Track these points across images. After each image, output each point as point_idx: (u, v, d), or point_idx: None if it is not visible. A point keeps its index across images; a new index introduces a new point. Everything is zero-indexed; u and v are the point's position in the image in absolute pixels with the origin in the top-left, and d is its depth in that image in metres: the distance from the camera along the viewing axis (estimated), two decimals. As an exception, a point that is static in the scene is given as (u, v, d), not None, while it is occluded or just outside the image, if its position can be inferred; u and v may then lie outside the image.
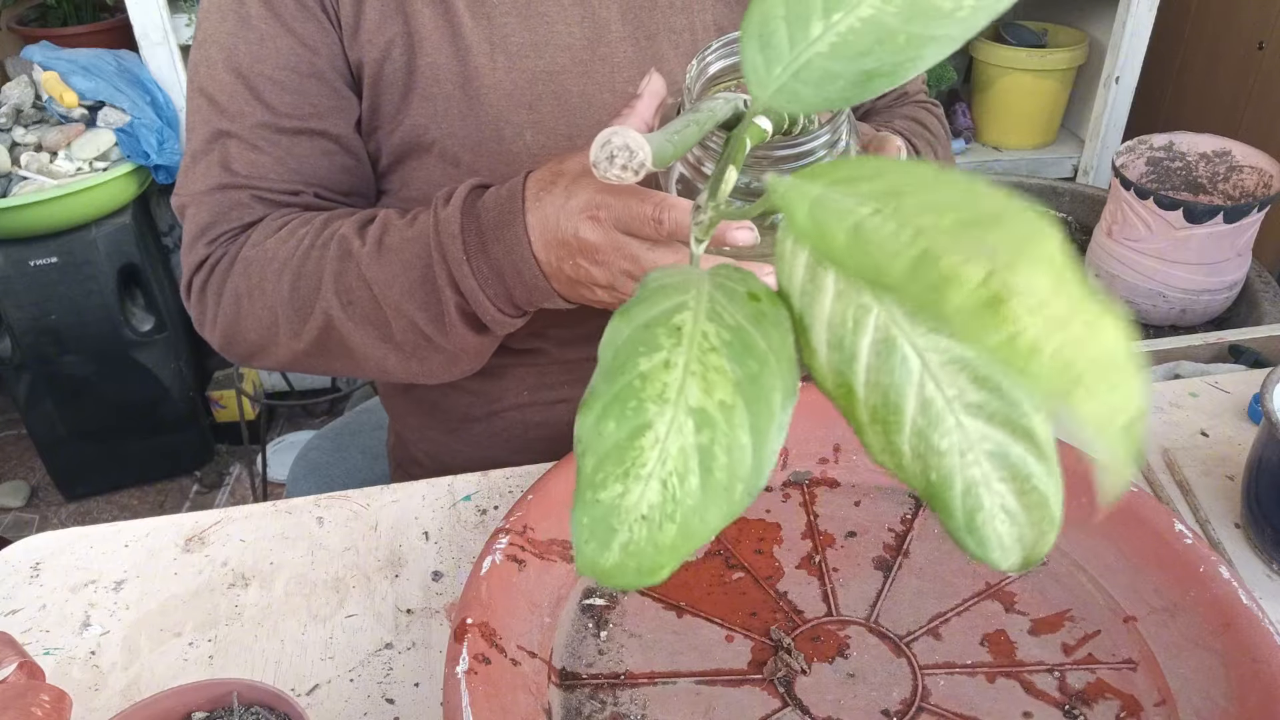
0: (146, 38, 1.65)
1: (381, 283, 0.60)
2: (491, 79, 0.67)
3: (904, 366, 0.29)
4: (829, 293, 0.30)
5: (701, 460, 0.27)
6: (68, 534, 0.66)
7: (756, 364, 0.29)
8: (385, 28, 0.66)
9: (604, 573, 0.27)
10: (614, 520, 0.27)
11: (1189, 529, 0.56)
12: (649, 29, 0.70)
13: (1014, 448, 0.29)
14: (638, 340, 0.29)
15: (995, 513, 0.29)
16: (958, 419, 0.28)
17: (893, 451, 0.29)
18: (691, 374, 0.28)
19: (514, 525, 0.56)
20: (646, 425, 0.27)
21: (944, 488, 0.29)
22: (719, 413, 0.28)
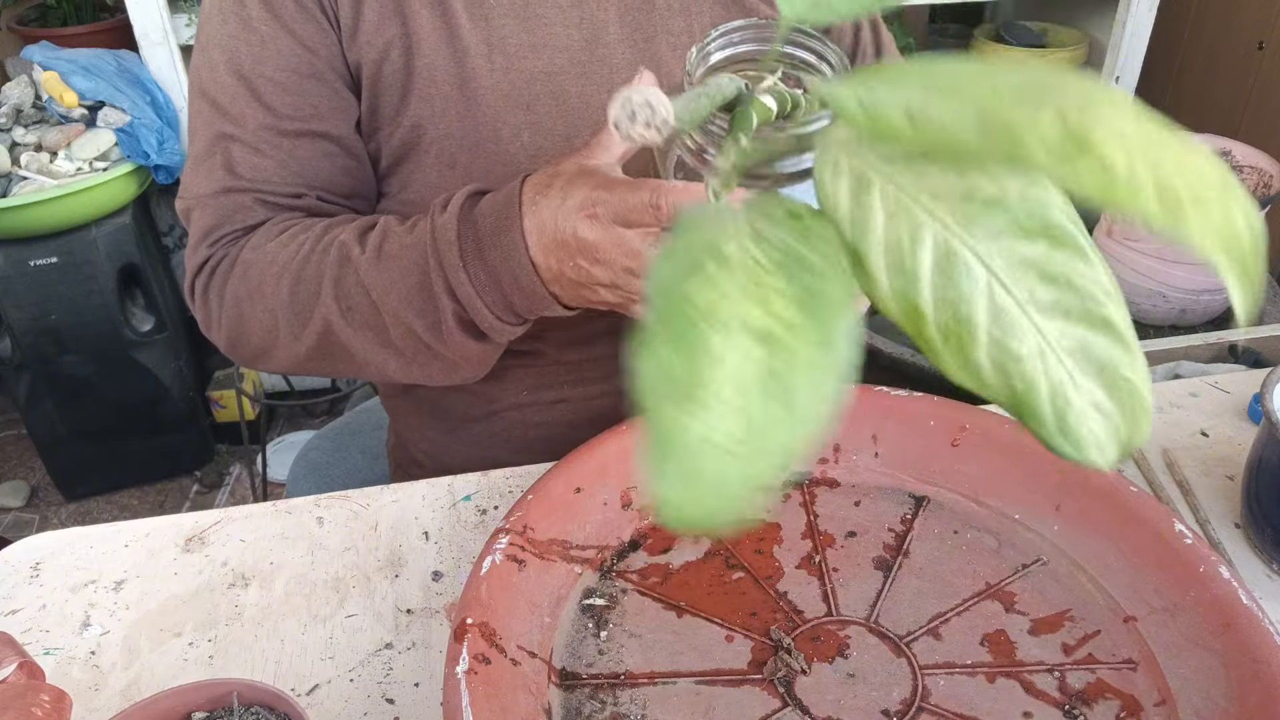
0: (146, 38, 1.65)
1: (379, 289, 0.59)
2: (489, 80, 0.67)
3: (969, 277, 0.27)
4: (879, 215, 0.28)
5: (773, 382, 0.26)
6: (68, 534, 0.66)
7: (811, 277, 0.28)
8: (384, 29, 0.66)
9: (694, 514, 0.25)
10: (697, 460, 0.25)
11: (1189, 529, 0.56)
12: (647, 31, 0.70)
13: (1095, 340, 0.28)
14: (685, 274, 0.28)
15: (1086, 411, 0.28)
16: (1033, 321, 0.27)
17: (971, 368, 0.28)
18: (748, 297, 0.27)
19: (514, 525, 0.56)
20: (708, 352, 0.26)
21: (1030, 394, 0.27)
22: (782, 330, 0.27)
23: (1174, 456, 0.71)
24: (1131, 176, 0.21)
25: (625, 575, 0.59)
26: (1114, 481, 0.59)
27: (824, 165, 0.30)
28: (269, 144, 0.66)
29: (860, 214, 0.29)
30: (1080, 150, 0.21)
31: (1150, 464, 0.70)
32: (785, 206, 0.30)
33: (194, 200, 0.68)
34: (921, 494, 0.65)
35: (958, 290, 0.27)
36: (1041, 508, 0.62)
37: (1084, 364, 0.28)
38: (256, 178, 0.66)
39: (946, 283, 0.28)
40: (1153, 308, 1.38)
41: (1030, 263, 0.27)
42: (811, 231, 0.29)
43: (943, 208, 0.28)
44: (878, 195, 0.29)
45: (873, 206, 0.29)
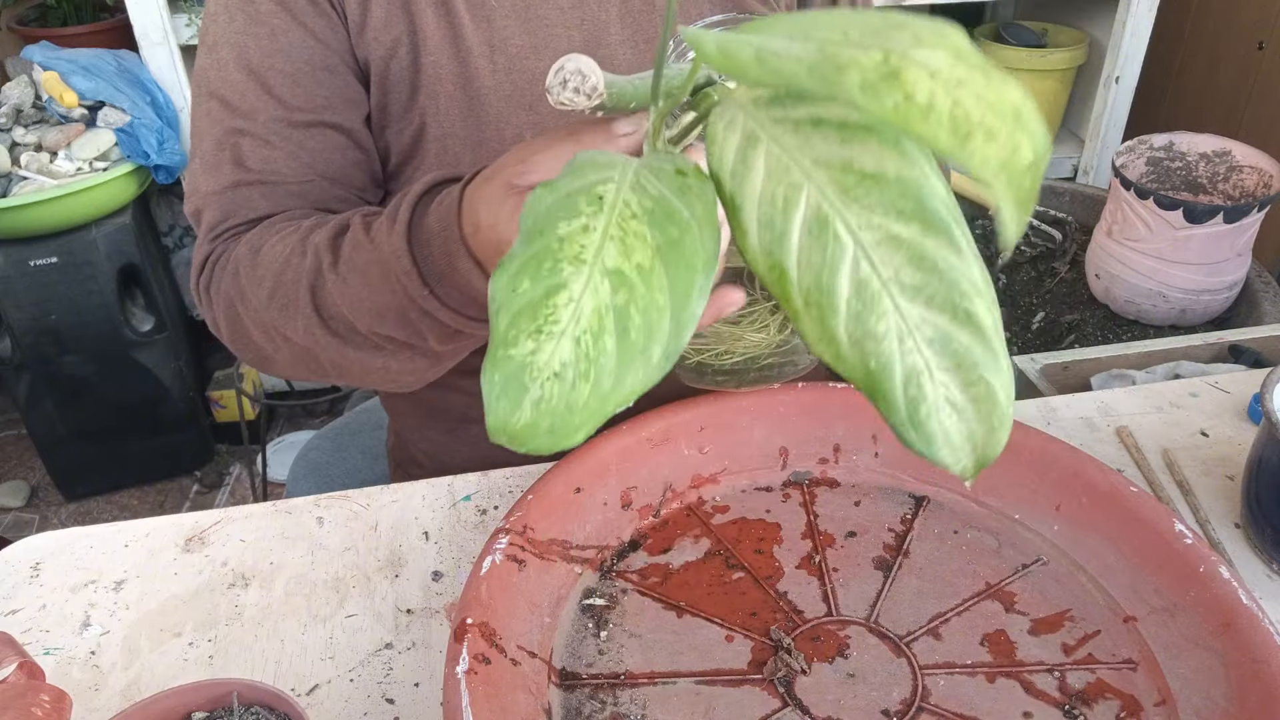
0: (146, 38, 1.65)
1: (349, 304, 0.57)
2: (491, 81, 0.67)
3: (836, 244, 0.27)
4: (759, 172, 0.29)
5: (617, 320, 0.27)
6: (68, 534, 0.66)
7: (678, 230, 0.28)
8: (391, 26, 0.66)
9: (515, 433, 0.26)
10: (525, 377, 0.26)
11: (1189, 529, 0.56)
12: (647, 32, 0.70)
13: (957, 334, 0.27)
14: (558, 207, 0.29)
15: (940, 405, 0.28)
16: (895, 302, 0.27)
17: (829, 339, 0.28)
18: (610, 238, 0.28)
19: (514, 525, 0.56)
20: (561, 285, 0.27)
21: (883, 376, 0.27)
22: (636, 275, 0.27)
23: (1174, 456, 0.71)
24: (930, 108, 0.22)
25: (625, 575, 0.59)
26: (1114, 481, 0.59)
27: (718, 119, 0.30)
28: (279, 135, 0.65)
29: (742, 168, 0.29)
30: (889, 84, 0.22)
31: (1150, 464, 0.70)
32: (674, 163, 0.31)
33: (203, 199, 0.67)
34: (921, 494, 0.65)
35: (823, 256, 0.28)
36: (1041, 508, 0.62)
37: (943, 356, 0.27)
38: (266, 169, 0.66)
39: (814, 246, 0.28)
40: (1153, 308, 1.38)
41: (900, 243, 0.27)
42: (690, 189, 0.30)
43: (822, 174, 0.28)
44: (763, 153, 0.29)
45: (755, 163, 0.29)
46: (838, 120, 0.28)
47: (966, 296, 0.27)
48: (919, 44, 0.22)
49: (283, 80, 0.65)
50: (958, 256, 0.27)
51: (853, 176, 0.28)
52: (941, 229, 0.27)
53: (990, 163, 0.22)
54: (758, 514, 0.64)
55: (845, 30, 0.24)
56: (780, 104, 0.30)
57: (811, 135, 0.28)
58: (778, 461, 0.67)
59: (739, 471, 0.66)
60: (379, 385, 0.64)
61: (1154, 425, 0.75)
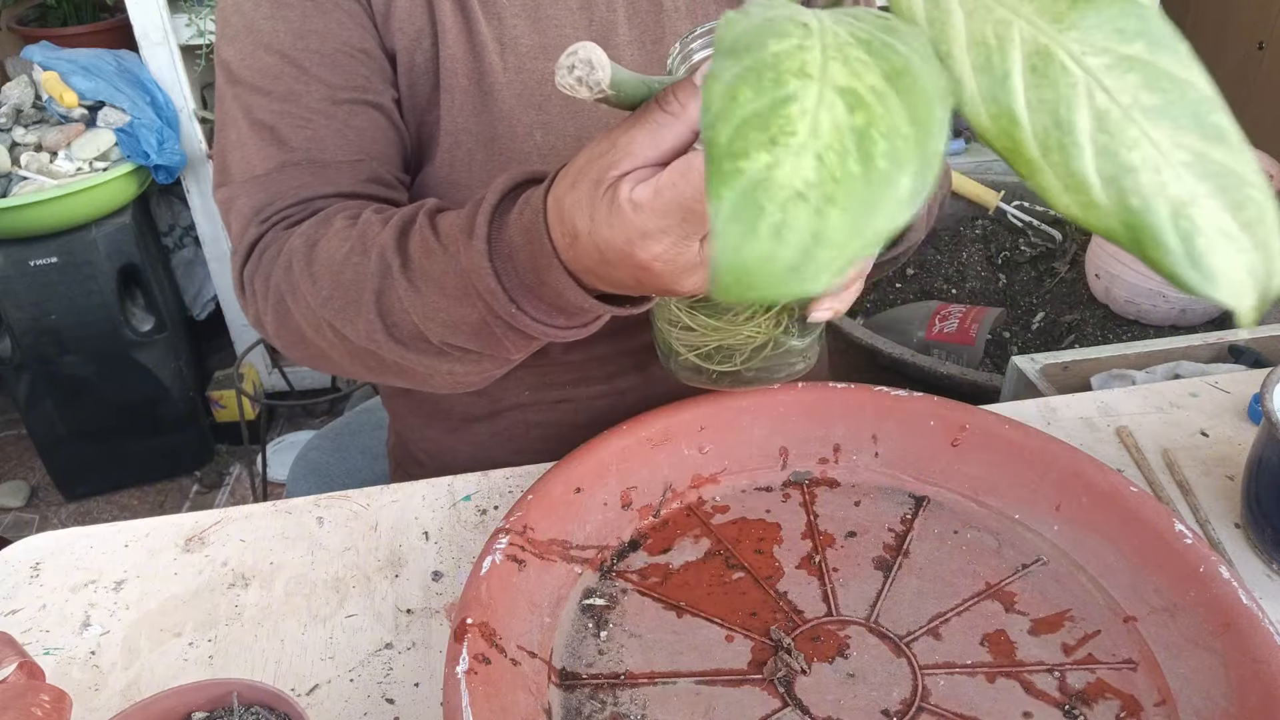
0: (146, 38, 1.65)
1: (421, 314, 0.55)
2: (503, 78, 0.67)
3: (1065, 76, 0.24)
4: (958, 15, 0.26)
5: (859, 143, 0.23)
6: (68, 534, 0.66)
7: (901, 60, 0.24)
8: (414, 17, 0.66)
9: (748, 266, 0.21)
10: (763, 196, 0.21)
11: (1189, 529, 0.56)
12: (655, 33, 0.70)
13: (1212, 152, 0.24)
14: (764, 29, 0.24)
15: (1215, 237, 0.24)
16: (1141, 127, 0.24)
17: (1078, 185, 0.24)
18: (832, 58, 0.24)
19: (514, 525, 0.56)
20: (791, 97, 0.23)
21: (1148, 214, 0.23)
22: (872, 97, 0.23)
23: (1174, 456, 0.71)
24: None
25: (625, 575, 0.59)
26: (1114, 481, 0.59)
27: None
28: (323, 114, 0.64)
29: (937, 13, 0.26)
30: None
31: (1150, 464, 0.70)
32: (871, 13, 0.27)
33: (240, 186, 0.65)
34: (921, 494, 0.65)
35: (1055, 91, 0.24)
36: (1041, 508, 0.62)
37: (1205, 180, 0.24)
38: (312, 148, 0.64)
39: (1041, 82, 0.25)
40: (1153, 308, 1.38)
41: (1132, 63, 0.24)
42: (898, 28, 0.26)
43: (1029, 5, 0.25)
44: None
45: (950, 7, 0.26)
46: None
47: (1211, 111, 0.24)
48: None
49: (319, 61, 0.64)
50: (1189, 71, 0.25)
51: (1063, 2, 0.25)
52: (1166, 44, 0.25)
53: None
54: (758, 514, 0.64)
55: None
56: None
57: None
58: (778, 461, 0.67)
59: (739, 471, 0.66)
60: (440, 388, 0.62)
61: (1154, 425, 0.75)
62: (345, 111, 0.65)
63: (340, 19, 0.65)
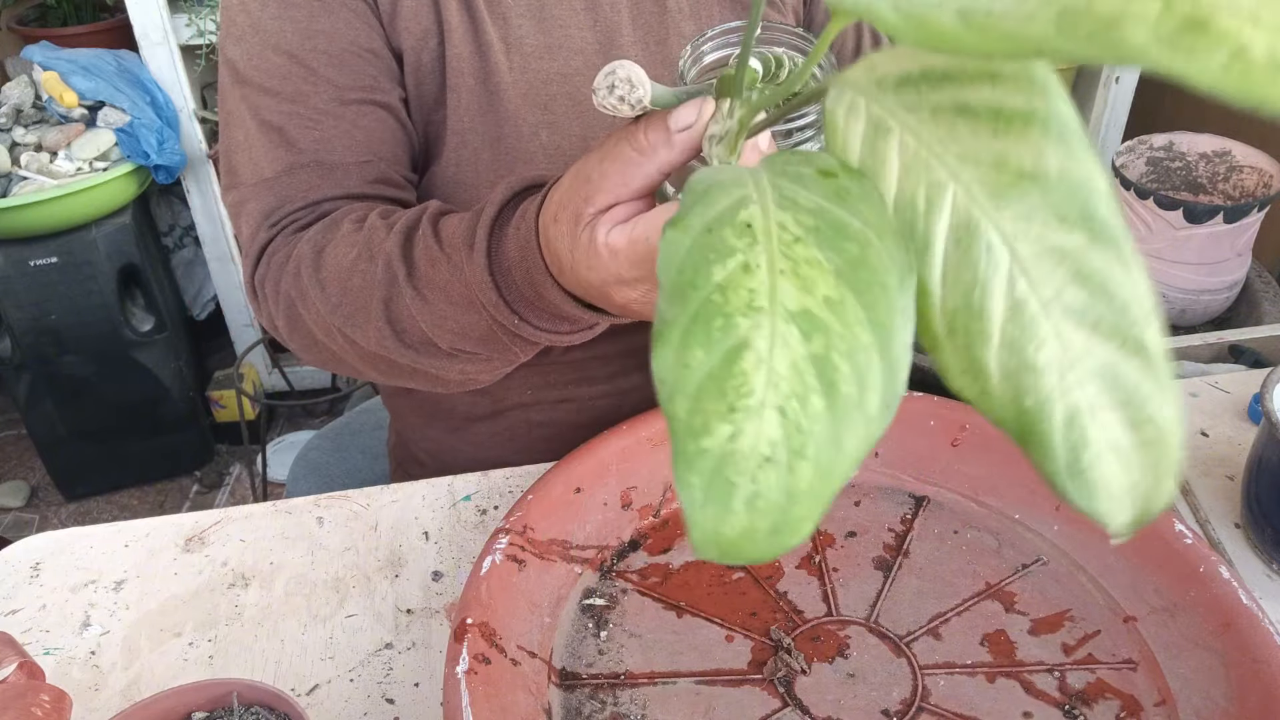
0: (146, 38, 1.65)
1: (430, 322, 0.56)
2: (508, 78, 0.67)
3: (989, 257, 0.23)
4: (892, 168, 0.25)
5: (820, 374, 0.22)
6: (68, 534, 0.66)
7: (856, 246, 0.23)
8: (420, 17, 0.66)
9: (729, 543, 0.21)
10: (730, 471, 0.21)
11: (1189, 529, 0.56)
12: (659, 34, 0.70)
13: (1126, 366, 0.23)
14: (703, 248, 0.23)
15: (1104, 452, 0.23)
16: (1057, 327, 0.23)
17: (976, 371, 0.23)
18: (781, 273, 0.23)
19: (514, 525, 0.56)
20: (744, 344, 0.22)
21: (1041, 417, 0.23)
22: (827, 312, 0.22)
23: (1174, 456, 0.71)
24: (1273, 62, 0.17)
25: (625, 575, 0.59)
26: (1114, 481, 0.59)
27: (837, 105, 0.26)
28: (330, 115, 0.64)
29: (872, 162, 0.25)
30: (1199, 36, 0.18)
31: (1150, 464, 0.70)
32: (814, 163, 0.26)
33: (250, 189, 0.65)
34: (921, 494, 0.65)
35: (974, 272, 0.23)
36: (1041, 508, 0.62)
37: (1110, 393, 0.23)
38: (320, 150, 0.64)
39: (962, 260, 0.23)
40: (1153, 308, 1.38)
41: (1063, 255, 0.23)
42: (849, 192, 0.25)
43: (970, 172, 0.24)
44: (895, 145, 0.25)
45: (888, 157, 0.25)
46: (989, 107, 0.24)
47: (1137, 322, 0.23)
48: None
49: (326, 61, 0.64)
50: (1125, 271, 0.22)
51: (1007, 175, 0.23)
52: (1109, 238, 0.23)
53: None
54: (758, 514, 0.64)
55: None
56: (913, 87, 0.25)
57: (956, 124, 0.24)
58: (778, 461, 0.67)
59: (739, 471, 0.66)
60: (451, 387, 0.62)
61: (1154, 425, 0.75)
62: (353, 112, 0.65)
63: (347, 18, 0.64)
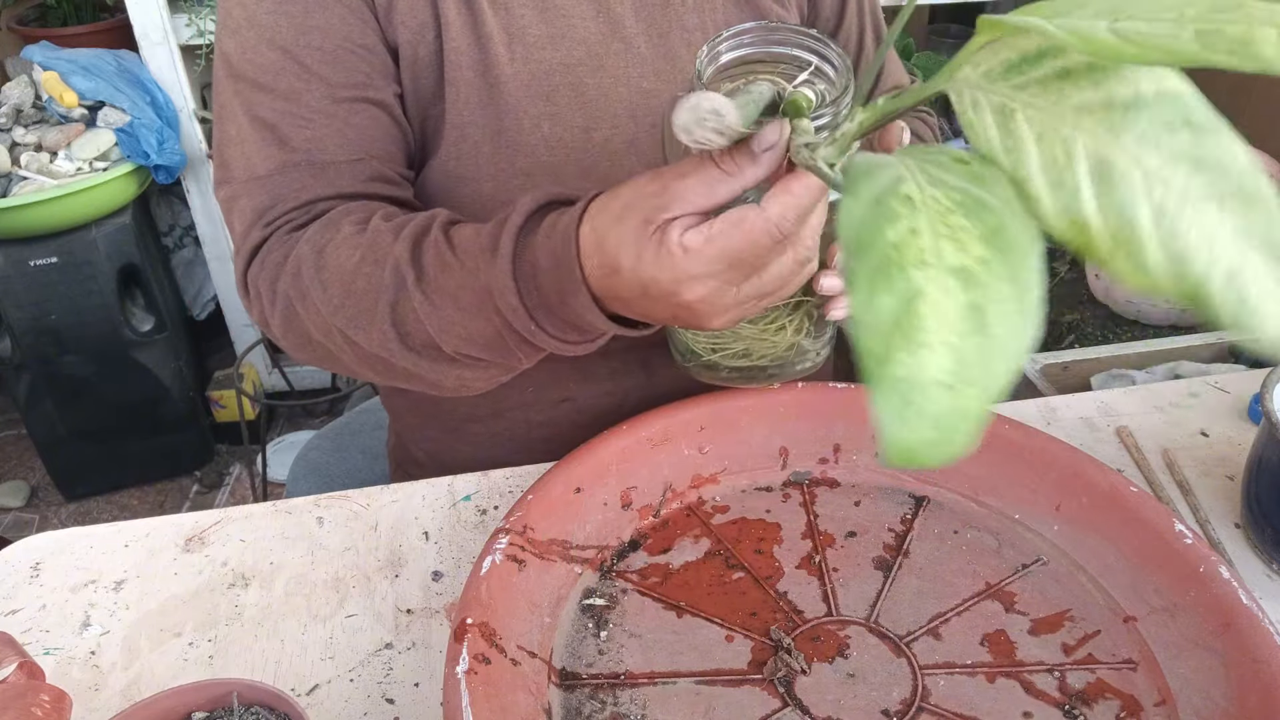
0: (146, 38, 1.65)
1: (437, 326, 0.56)
2: (510, 69, 0.67)
3: (1126, 181, 0.28)
4: (1029, 139, 0.30)
5: (976, 318, 0.27)
6: (68, 534, 0.66)
7: (994, 217, 0.29)
8: (416, 11, 0.66)
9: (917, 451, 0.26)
10: (917, 395, 0.26)
11: (1189, 529, 0.56)
12: (662, 26, 0.70)
13: (1254, 216, 0.28)
14: (874, 215, 0.29)
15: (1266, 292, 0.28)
16: (1194, 211, 0.28)
17: (1145, 268, 0.28)
18: (941, 236, 0.28)
19: (514, 525, 0.56)
20: (919, 292, 0.27)
21: (1205, 284, 0.28)
22: (979, 268, 0.28)
23: (1174, 456, 0.71)
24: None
25: (625, 575, 0.59)
26: (1114, 481, 0.59)
27: (963, 105, 0.31)
28: (323, 113, 0.64)
29: (1011, 142, 0.30)
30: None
31: (1150, 464, 0.70)
32: (949, 154, 0.31)
33: (242, 186, 0.65)
34: (921, 494, 0.65)
35: (1117, 195, 0.28)
36: (1041, 508, 0.62)
37: (1251, 242, 0.28)
38: (313, 148, 0.64)
39: (1106, 190, 0.29)
40: (1153, 308, 1.38)
41: (1179, 154, 0.28)
42: (983, 175, 0.30)
43: (1089, 120, 0.29)
44: (1023, 121, 0.30)
45: (1021, 133, 0.30)
46: (1083, 65, 0.30)
47: (1250, 178, 0.28)
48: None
49: (321, 58, 0.64)
50: (1229, 147, 0.28)
51: (1117, 111, 0.29)
52: (1208, 127, 0.28)
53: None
54: (758, 514, 0.64)
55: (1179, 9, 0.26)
56: (1016, 70, 0.31)
57: (1062, 87, 0.30)
58: (778, 461, 0.67)
59: (739, 471, 0.66)
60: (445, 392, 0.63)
61: (1154, 425, 0.75)
62: (346, 110, 0.64)
63: (342, 14, 0.64)
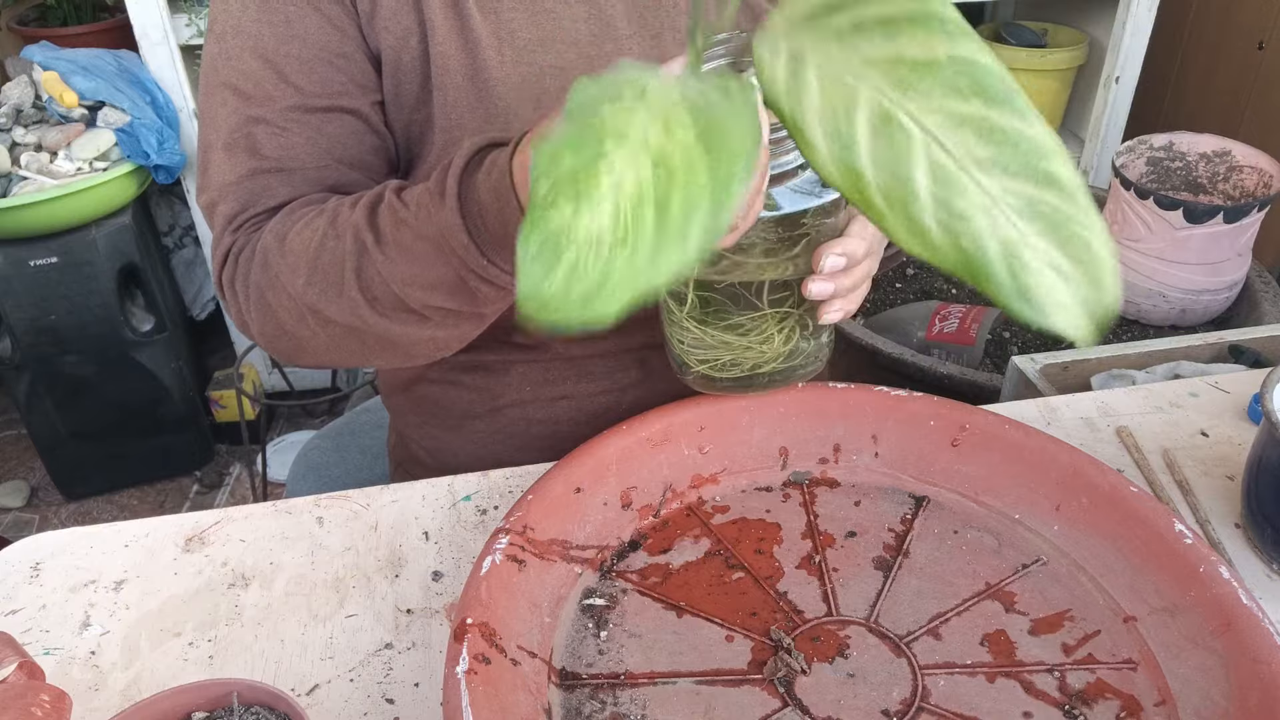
0: (146, 38, 1.65)
1: (400, 281, 0.58)
2: (500, 72, 0.67)
3: (904, 135, 0.28)
4: (813, 87, 0.29)
5: (658, 195, 0.27)
6: (68, 534, 0.66)
7: (719, 119, 0.28)
8: (401, 16, 0.66)
9: (546, 299, 0.26)
10: (562, 240, 0.26)
11: (1189, 529, 0.56)
12: (654, 28, 0.70)
13: (1042, 196, 0.27)
14: (604, 93, 0.29)
15: (1043, 271, 0.27)
16: (974, 178, 0.27)
17: (918, 231, 0.28)
18: (653, 120, 0.28)
19: (514, 525, 0.56)
20: (602, 155, 0.27)
21: (979, 254, 0.27)
22: (679, 153, 0.27)
23: (1174, 456, 0.71)
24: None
25: (625, 575, 0.59)
26: (1114, 481, 0.59)
27: (762, 47, 0.31)
28: (296, 122, 0.65)
29: (796, 86, 0.30)
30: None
31: (1150, 464, 0.70)
32: (719, 77, 0.31)
33: (218, 191, 0.66)
34: (921, 494, 0.65)
35: (894, 150, 0.28)
36: (1041, 508, 0.62)
37: (1034, 221, 0.27)
38: (284, 156, 0.65)
39: (883, 144, 0.28)
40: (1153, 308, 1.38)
41: (966, 120, 0.27)
42: (732, 92, 0.30)
43: (875, 73, 0.28)
44: (812, 67, 0.29)
45: (808, 79, 0.29)
46: (878, 17, 0.29)
47: (1043, 158, 0.27)
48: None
49: (298, 66, 0.65)
50: (1024, 122, 0.27)
51: (905, 68, 0.28)
52: (1003, 99, 0.27)
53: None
54: (758, 514, 0.64)
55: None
56: (817, 18, 0.31)
57: (855, 39, 0.29)
58: (778, 461, 0.67)
59: (739, 471, 0.66)
60: (420, 358, 0.64)
61: (1154, 425, 0.75)
62: (319, 119, 0.66)
63: (319, 23, 0.65)
